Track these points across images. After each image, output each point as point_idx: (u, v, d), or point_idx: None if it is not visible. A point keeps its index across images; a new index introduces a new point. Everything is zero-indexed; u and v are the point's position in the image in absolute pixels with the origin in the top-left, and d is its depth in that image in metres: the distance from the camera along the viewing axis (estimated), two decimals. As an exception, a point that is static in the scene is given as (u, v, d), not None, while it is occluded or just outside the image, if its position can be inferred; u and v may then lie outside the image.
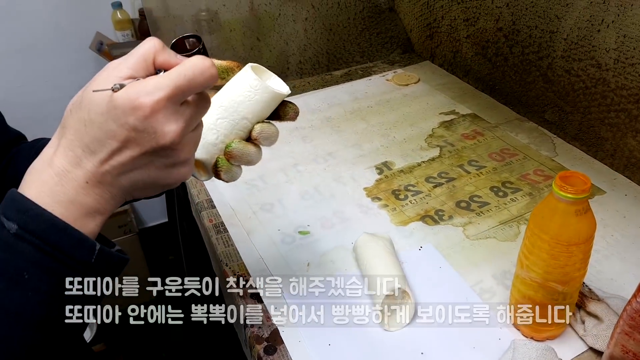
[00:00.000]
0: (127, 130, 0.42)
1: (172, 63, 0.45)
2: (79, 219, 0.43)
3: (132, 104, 0.41)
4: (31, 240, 0.41)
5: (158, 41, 0.45)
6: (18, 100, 1.98)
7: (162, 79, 0.42)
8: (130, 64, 0.44)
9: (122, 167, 0.43)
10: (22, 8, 1.84)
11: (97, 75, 0.44)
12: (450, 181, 0.97)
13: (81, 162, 0.43)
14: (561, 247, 0.60)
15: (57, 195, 0.42)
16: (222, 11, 1.34)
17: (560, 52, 1.03)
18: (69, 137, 0.43)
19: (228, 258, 0.84)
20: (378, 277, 0.72)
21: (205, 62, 0.44)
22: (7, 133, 0.73)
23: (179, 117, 0.44)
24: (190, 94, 0.45)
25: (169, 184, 0.47)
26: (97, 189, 0.44)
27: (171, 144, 0.43)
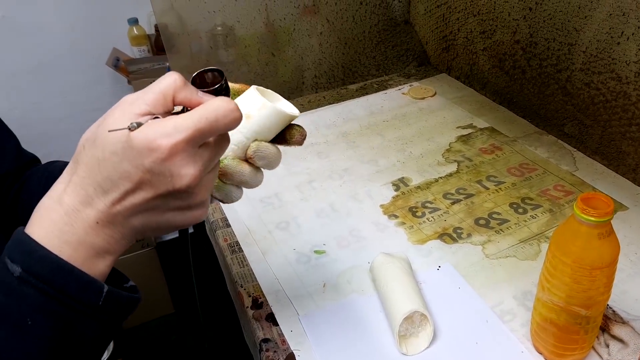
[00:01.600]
0: (143, 172, 0.40)
1: (193, 101, 0.43)
2: (88, 260, 0.42)
3: (149, 145, 0.39)
4: (35, 284, 0.40)
5: (179, 77, 0.43)
6: (35, 116, 2.01)
7: (182, 120, 0.40)
8: (149, 100, 0.42)
9: (134, 208, 0.42)
10: (39, 25, 1.87)
11: (113, 109, 0.42)
12: (469, 197, 0.96)
13: (92, 202, 0.41)
14: (584, 271, 0.58)
15: (66, 235, 0.41)
16: (236, 27, 1.34)
17: (580, 65, 1.01)
18: (81, 174, 0.41)
19: (243, 279, 0.84)
20: (396, 300, 0.71)
21: (230, 105, 0.42)
22: (22, 157, 0.73)
23: (197, 160, 0.42)
24: (211, 137, 0.43)
25: (183, 226, 0.46)
26: (107, 230, 0.42)
27: (187, 187, 0.42)
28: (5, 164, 0.70)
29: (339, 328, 0.74)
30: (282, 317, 0.77)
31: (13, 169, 0.71)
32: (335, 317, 0.75)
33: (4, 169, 0.70)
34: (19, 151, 0.73)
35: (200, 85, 0.47)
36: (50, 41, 1.90)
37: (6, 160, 0.70)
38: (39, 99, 1.97)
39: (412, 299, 0.70)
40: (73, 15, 1.89)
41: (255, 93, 0.54)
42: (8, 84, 1.92)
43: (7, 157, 0.71)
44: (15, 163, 0.71)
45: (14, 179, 0.72)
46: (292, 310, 0.77)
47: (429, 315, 0.69)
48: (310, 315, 0.76)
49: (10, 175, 0.71)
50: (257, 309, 0.78)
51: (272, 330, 0.75)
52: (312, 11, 1.41)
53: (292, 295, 0.80)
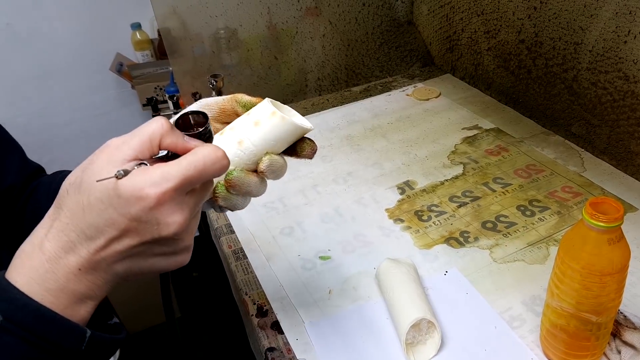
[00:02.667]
0: (129, 220, 0.40)
1: (179, 146, 0.43)
2: (69, 306, 0.41)
3: (137, 194, 0.39)
4: (16, 332, 0.39)
5: (165, 121, 0.43)
6: (40, 123, 2.01)
7: (170, 169, 0.40)
8: (135, 145, 0.41)
9: (118, 255, 0.41)
10: (42, 32, 1.87)
11: (98, 153, 0.41)
12: (475, 200, 0.95)
13: (75, 248, 0.41)
14: (594, 277, 0.57)
15: (47, 282, 0.40)
16: (239, 31, 1.34)
17: (586, 64, 0.99)
18: (63, 220, 0.41)
19: (248, 286, 0.83)
20: (402, 308, 0.70)
21: (218, 152, 0.42)
22: (26, 168, 0.73)
23: (184, 208, 0.41)
24: (198, 184, 0.43)
25: (166, 270, 0.45)
26: (90, 276, 0.41)
27: (174, 235, 0.41)
28: (9, 177, 0.69)
29: (345, 336, 0.73)
30: (288, 325, 0.76)
31: (17, 182, 0.71)
32: (342, 325, 0.74)
33: (7, 183, 0.69)
34: (24, 163, 0.72)
35: (184, 128, 0.47)
36: (54, 47, 1.90)
37: (10, 174, 0.69)
38: (44, 105, 1.97)
39: (418, 306, 0.69)
40: (76, 22, 1.89)
41: (267, 104, 0.54)
42: (13, 90, 1.93)
43: (11, 170, 0.70)
44: (19, 176, 0.70)
45: (19, 192, 0.71)
46: (298, 317, 0.76)
47: (436, 322, 0.68)
48: (316, 323, 0.75)
49: (14, 188, 0.70)
50: (262, 317, 0.77)
51: (277, 339, 0.74)
52: (314, 13, 1.40)
53: (297, 302, 0.79)
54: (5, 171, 0.70)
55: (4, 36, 1.83)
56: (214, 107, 0.57)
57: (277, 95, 1.44)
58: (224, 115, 0.57)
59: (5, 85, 1.90)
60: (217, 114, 0.57)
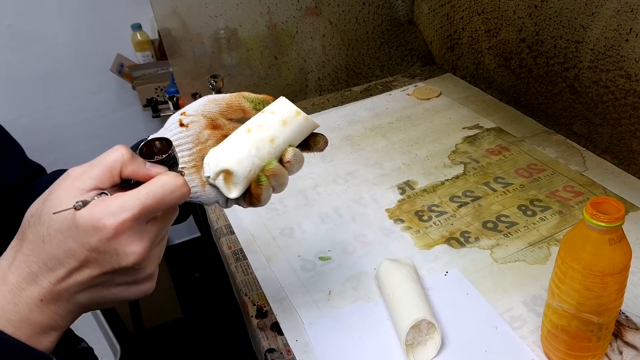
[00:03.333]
0: (88, 251, 0.40)
1: (141, 174, 0.43)
2: (32, 337, 0.41)
3: (94, 224, 0.39)
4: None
5: (126, 150, 0.43)
6: (41, 124, 2.01)
7: (129, 199, 0.40)
8: (95, 175, 0.42)
9: (80, 285, 0.41)
10: (43, 33, 1.87)
11: (58, 183, 0.42)
12: (476, 200, 0.94)
13: (37, 279, 0.41)
14: (595, 278, 0.56)
15: (9, 313, 0.40)
16: (239, 31, 1.33)
17: (587, 63, 0.99)
18: (25, 251, 0.41)
19: (247, 287, 0.82)
20: (402, 308, 0.69)
21: (177, 180, 0.42)
22: (26, 169, 0.72)
23: (144, 236, 0.41)
24: (158, 213, 0.43)
25: (130, 299, 0.45)
26: (52, 306, 0.41)
27: (134, 264, 0.41)
28: (8, 177, 0.69)
29: (344, 337, 0.72)
30: (287, 326, 0.75)
31: (16, 182, 0.70)
32: (341, 326, 0.74)
33: (6, 183, 0.69)
34: (23, 163, 0.72)
35: (148, 154, 0.47)
36: (55, 48, 1.90)
37: (9, 174, 0.69)
38: (45, 106, 1.97)
39: (418, 307, 0.69)
40: (77, 23, 1.89)
41: (288, 103, 0.58)
42: (14, 91, 1.92)
43: (10, 170, 0.69)
44: (18, 176, 0.70)
45: (18, 192, 0.71)
46: (297, 318, 0.76)
47: (436, 323, 0.68)
48: (316, 324, 0.75)
49: (13, 188, 0.70)
50: (261, 318, 0.77)
51: (277, 340, 0.73)
52: (314, 13, 1.39)
53: (297, 303, 0.79)
54: (4, 171, 0.70)
55: (5, 37, 1.82)
56: (221, 103, 0.59)
57: (277, 95, 1.43)
58: (230, 111, 0.60)
59: (6, 86, 1.90)
60: (224, 109, 0.60)
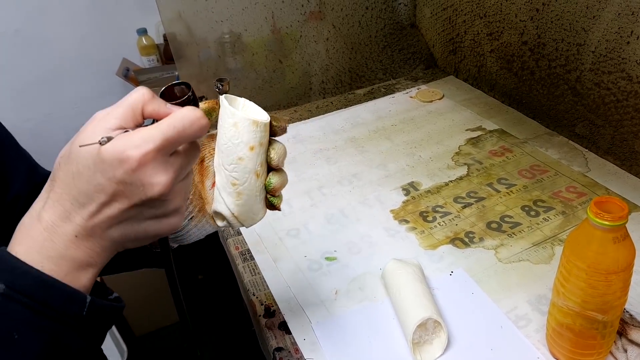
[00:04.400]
0: (115, 184, 0.41)
1: (162, 113, 0.44)
2: (70, 273, 0.43)
3: (119, 157, 0.40)
4: (19, 299, 0.40)
5: (147, 90, 0.44)
6: (47, 127, 2.02)
7: (150, 131, 0.41)
8: (119, 114, 0.43)
9: (111, 220, 0.43)
10: (50, 38, 1.89)
11: (85, 126, 0.43)
12: (480, 201, 0.95)
13: (70, 216, 0.42)
14: (599, 276, 0.57)
15: (47, 250, 0.42)
16: (244, 35, 1.35)
17: (589, 65, 1.00)
18: (57, 190, 0.42)
19: (255, 287, 0.83)
20: (409, 307, 0.70)
21: (196, 112, 0.43)
22: (35, 176, 0.72)
23: (168, 168, 0.43)
24: (180, 145, 0.44)
25: (160, 234, 0.46)
26: (87, 242, 0.43)
27: (160, 195, 0.42)
28: (15, 187, 0.69)
29: (352, 336, 0.73)
30: (295, 325, 0.76)
31: (24, 192, 0.70)
32: (348, 325, 0.75)
33: (13, 193, 0.68)
34: (31, 172, 0.72)
35: (169, 99, 0.48)
36: (61, 53, 1.92)
37: (16, 183, 0.69)
38: (51, 110, 1.99)
39: (425, 306, 0.70)
40: (83, 27, 1.91)
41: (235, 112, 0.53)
42: (21, 95, 1.94)
43: (17, 180, 0.69)
44: (26, 185, 0.70)
45: (26, 201, 0.70)
46: (305, 318, 0.77)
47: (442, 322, 0.69)
48: (323, 323, 0.76)
49: (21, 198, 0.69)
50: (269, 318, 0.78)
51: (285, 339, 0.74)
52: (318, 17, 1.41)
53: (304, 302, 0.80)
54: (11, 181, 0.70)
55: (13, 42, 1.84)
56: None
57: (281, 98, 1.45)
58: None
59: (13, 90, 1.92)
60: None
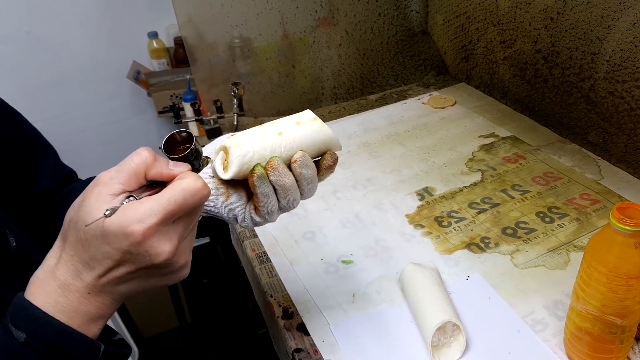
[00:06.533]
0: (122, 253, 0.43)
1: (164, 175, 0.47)
2: (82, 325, 0.45)
3: (123, 231, 0.42)
4: (39, 348, 0.43)
5: (148, 154, 0.46)
6: (57, 129, 2.03)
7: (153, 204, 0.43)
8: (122, 179, 0.45)
9: (119, 279, 0.45)
10: (60, 40, 1.90)
11: (89, 190, 0.45)
12: (494, 207, 0.96)
13: (81, 275, 0.45)
14: (620, 280, 0.58)
15: (61, 305, 0.45)
16: (258, 40, 1.36)
17: (603, 74, 1.01)
18: (69, 251, 0.45)
19: (272, 289, 0.84)
20: (427, 310, 0.71)
21: (197, 183, 0.45)
22: (60, 172, 0.74)
23: (172, 236, 0.45)
24: (181, 214, 0.46)
25: (168, 284, 0.49)
26: (98, 298, 0.46)
27: (165, 261, 0.45)
28: (43, 182, 0.71)
29: (370, 338, 0.74)
30: (313, 327, 0.77)
31: (50, 187, 0.71)
32: (366, 327, 0.76)
33: (40, 188, 0.70)
34: (57, 167, 0.73)
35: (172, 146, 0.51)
36: (71, 55, 1.93)
37: (43, 179, 0.71)
38: (61, 111, 2.00)
39: (444, 309, 0.70)
40: (94, 30, 1.92)
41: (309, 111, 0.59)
42: (32, 97, 1.95)
43: (45, 174, 0.71)
44: (51, 181, 0.72)
45: (51, 197, 0.72)
46: (323, 320, 0.78)
47: (461, 325, 0.70)
48: (341, 325, 0.76)
49: (47, 193, 0.71)
50: (287, 319, 0.79)
51: (303, 340, 0.75)
52: (331, 23, 1.42)
53: (321, 305, 0.81)
54: (40, 176, 0.71)
55: (24, 44, 1.86)
56: None
57: (293, 102, 1.46)
58: None
59: (23, 91, 1.93)
60: None
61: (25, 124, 0.71)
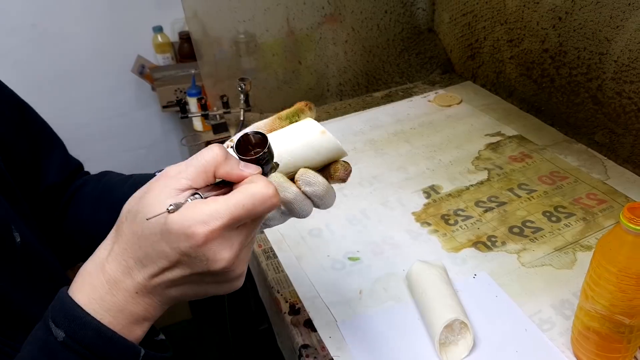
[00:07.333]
0: (179, 254, 0.41)
1: (234, 175, 0.44)
2: (127, 326, 0.43)
3: (185, 231, 0.40)
4: (77, 350, 0.41)
5: (220, 151, 0.44)
6: (61, 122, 2.01)
7: (219, 207, 0.41)
8: (190, 175, 0.42)
9: (171, 282, 0.43)
10: (66, 34, 1.90)
11: (155, 180, 0.43)
12: (501, 205, 0.96)
13: (132, 273, 0.43)
14: (630, 280, 0.58)
15: (107, 303, 0.43)
16: (264, 35, 1.36)
17: (611, 74, 1.01)
18: (122, 245, 0.43)
19: (279, 285, 0.84)
20: (435, 308, 0.71)
21: (268, 190, 0.42)
22: (69, 165, 0.73)
23: (234, 243, 0.42)
24: (247, 221, 0.43)
25: (219, 294, 0.46)
26: (146, 299, 0.44)
27: (223, 269, 0.42)
28: (51, 175, 0.69)
29: (378, 335, 0.74)
30: (320, 323, 0.77)
31: (59, 181, 0.70)
32: (374, 324, 0.76)
33: (49, 181, 0.69)
34: (65, 160, 0.72)
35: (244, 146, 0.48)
36: (76, 49, 1.93)
37: (51, 172, 0.69)
38: (66, 104, 2.00)
39: (452, 307, 0.71)
40: (99, 24, 1.92)
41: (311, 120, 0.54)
42: (36, 90, 1.95)
43: (52, 168, 0.69)
44: (60, 174, 0.70)
45: (60, 190, 0.71)
46: (330, 316, 0.78)
47: (469, 323, 0.70)
48: (349, 322, 0.77)
49: (55, 187, 0.70)
50: (294, 315, 0.79)
51: (310, 336, 0.75)
52: (337, 20, 1.42)
53: (328, 301, 0.81)
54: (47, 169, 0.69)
55: (29, 37, 1.85)
56: (263, 129, 0.57)
57: (299, 99, 1.45)
58: None
59: (28, 84, 1.92)
60: None
61: (35, 116, 0.70)
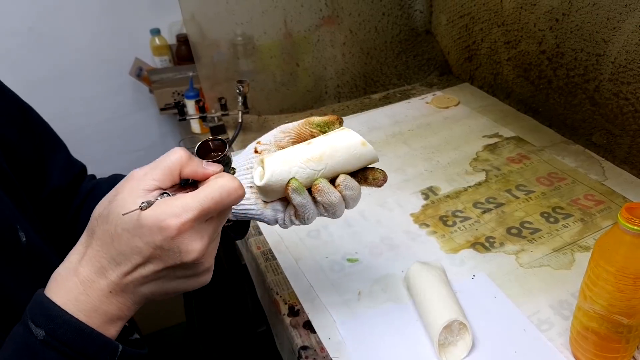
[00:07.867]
0: (153, 248, 0.43)
1: (199, 174, 0.47)
2: (101, 325, 0.45)
3: (159, 224, 0.42)
4: (58, 347, 0.43)
5: (184, 152, 0.46)
6: (58, 125, 2.00)
7: (189, 200, 0.43)
8: (157, 176, 0.45)
9: (144, 279, 0.45)
10: (62, 35, 1.90)
11: (123, 184, 0.45)
12: (499, 207, 0.96)
13: (106, 273, 0.44)
14: (628, 280, 0.58)
15: (82, 303, 0.44)
16: (262, 38, 1.36)
17: (608, 75, 1.01)
18: (95, 247, 0.45)
19: (278, 286, 0.84)
20: (434, 309, 0.71)
21: (234, 183, 0.46)
22: (73, 167, 0.73)
23: (204, 235, 0.45)
24: (215, 213, 0.46)
25: (189, 290, 0.49)
26: (120, 298, 0.45)
27: (194, 260, 0.44)
28: (55, 178, 0.69)
29: (377, 336, 0.74)
30: (319, 324, 0.77)
31: (63, 183, 0.70)
32: (373, 325, 0.76)
33: (53, 184, 0.69)
34: (69, 162, 0.72)
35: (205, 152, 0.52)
36: (74, 51, 1.93)
37: (55, 174, 0.70)
38: (62, 107, 1.99)
39: (451, 307, 0.71)
40: (96, 26, 1.92)
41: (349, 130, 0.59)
42: (32, 92, 1.93)
43: (56, 171, 0.70)
44: (64, 177, 0.71)
45: (66, 193, 0.71)
46: (329, 317, 0.78)
47: (468, 323, 0.70)
48: (348, 323, 0.77)
49: (60, 190, 0.70)
50: (293, 316, 0.79)
51: (310, 338, 0.75)
52: (334, 22, 1.42)
53: (327, 302, 0.81)
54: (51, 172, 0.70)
55: (26, 39, 1.85)
56: (291, 133, 0.60)
57: (297, 101, 1.47)
58: (300, 139, 0.61)
59: (25, 87, 1.91)
60: (294, 139, 0.60)
61: (38, 119, 0.71)
